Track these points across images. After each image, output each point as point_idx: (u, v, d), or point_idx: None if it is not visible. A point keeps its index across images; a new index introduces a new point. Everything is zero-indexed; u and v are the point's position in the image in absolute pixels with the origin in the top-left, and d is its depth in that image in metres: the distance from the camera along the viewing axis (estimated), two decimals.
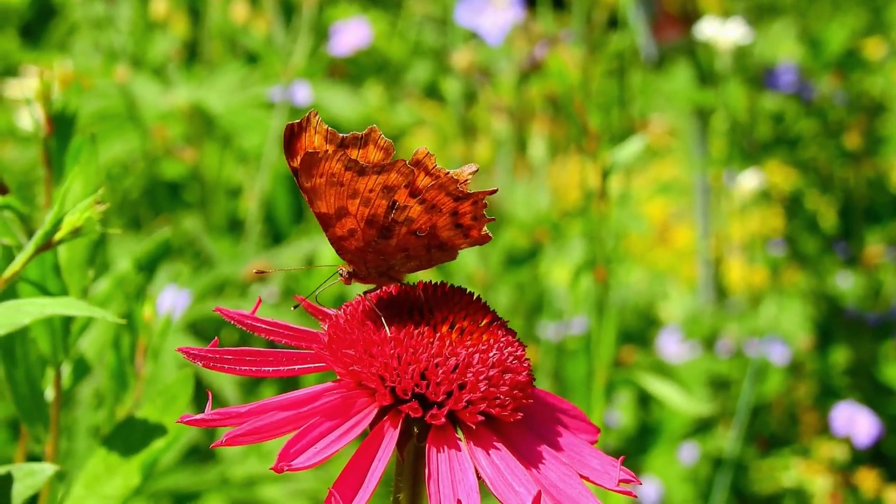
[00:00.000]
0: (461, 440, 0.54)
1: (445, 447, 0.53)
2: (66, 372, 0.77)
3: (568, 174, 2.81)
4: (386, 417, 0.54)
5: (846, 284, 2.29)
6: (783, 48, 2.40)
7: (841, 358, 2.14)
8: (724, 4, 2.29)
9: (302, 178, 0.57)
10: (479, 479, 0.52)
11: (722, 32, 1.97)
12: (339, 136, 0.57)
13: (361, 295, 0.59)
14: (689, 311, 2.36)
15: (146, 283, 0.78)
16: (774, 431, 2.11)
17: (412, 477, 0.56)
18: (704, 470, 1.93)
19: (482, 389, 0.54)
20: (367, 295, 0.59)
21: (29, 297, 0.68)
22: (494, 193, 0.59)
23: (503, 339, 0.56)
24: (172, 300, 1.31)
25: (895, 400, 2.07)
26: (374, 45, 2.21)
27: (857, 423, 1.85)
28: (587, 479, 0.55)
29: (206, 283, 1.51)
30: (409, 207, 0.58)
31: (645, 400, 2.00)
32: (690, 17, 2.22)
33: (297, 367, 0.56)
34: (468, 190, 0.59)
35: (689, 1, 2.28)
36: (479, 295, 0.59)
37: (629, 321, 2.27)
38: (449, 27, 2.25)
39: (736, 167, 2.08)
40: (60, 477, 0.78)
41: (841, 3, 2.41)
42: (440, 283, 0.59)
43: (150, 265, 0.79)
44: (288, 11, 2.10)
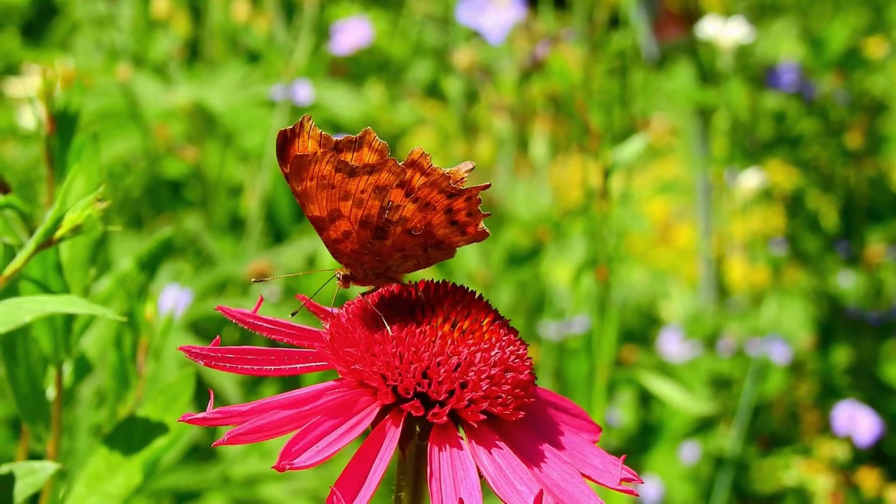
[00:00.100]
0: (463, 439, 0.54)
1: (447, 446, 0.53)
2: (67, 371, 0.77)
3: (569, 173, 2.81)
4: (388, 416, 0.54)
5: (847, 283, 2.29)
6: (784, 47, 2.39)
7: (842, 357, 2.13)
8: (725, 3, 2.29)
9: (293, 181, 0.57)
10: (480, 477, 0.52)
11: (723, 31, 1.97)
12: (332, 140, 0.57)
13: (362, 294, 0.59)
14: (690, 310, 2.36)
15: (148, 281, 0.78)
16: (775, 430, 2.11)
17: (414, 476, 0.56)
18: (705, 469, 1.93)
19: (484, 388, 0.54)
20: (366, 296, 0.59)
21: (30, 295, 0.68)
22: (488, 188, 0.59)
23: (505, 337, 0.56)
24: (174, 299, 1.31)
25: None
26: (375, 43, 2.21)
27: (858, 422, 1.85)
28: (589, 478, 0.55)
29: (207, 281, 1.51)
30: (402, 207, 0.58)
31: (646, 399, 2.00)
32: (692, 16, 2.22)
33: (298, 365, 0.56)
34: (462, 186, 0.58)
35: (690, 0, 2.28)
36: (480, 294, 0.59)
37: (630, 320, 2.27)
38: (450, 26, 2.24)
39: (737, 166, 2.08)
40: (62, 475, 0.78)
41: (842, 2, 2.41)
42: (441, 281, 0.59)
43: (151, 264, 0.79)
44: (289, 10, 2.10)
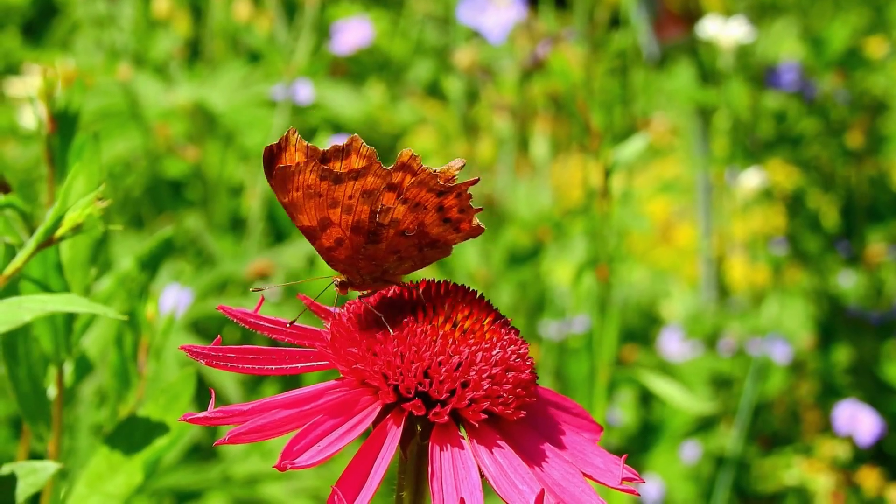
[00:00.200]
0: (464, 438, 0.54)
1: (448, 445, 0.53)
2: (68, 370, 0.77)
3: (570, 173, 2.81)
4: (389, 416, 0.54)
5: (848, 283, 2.29)
6: (785, 47, 2.39)
7: (843, 357, 2.13)
8: (726, 3, 2.29)
9: (279, 193, 0.57)
10: (482, 477, 0.52)
11: (724, 31, 1.97)
12: (320, 150, 0.57)
13: (360, 297, 0.59)
14: (690, 309, 2.36)
15: (149, 281, 0.78)
16: (776, 430, 2.10)
17: (415, 475, 0.56)
18: (706, 468, 1.93)
19: (485, 388, 0.54)
20: (364, 299, 0.59)
21: (31, 294, 0.68)
22: (477, 183, 0.59)
23: (506, 337, 0.56)
24: (175, 298, 1.31)
25: None
26: (375, 43, 2.21)
27: (859, 421, 1.85)
28: (590, 477, 0.55)
29: (208, 281, 1.51)
30: (393, 209, 0.58)
31: (647, 398, 2.00)
32: (692, 15, 2.22)
33: (299, 365, 0.56)
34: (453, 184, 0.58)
35: (690, 0, 2.28)
36: (481, 293, 0.59)
37: (631, 320, 2.27)
38: (451, 25, 2.24)
39: (738, 166, 2.08)
40: (63, 475, 0.78)
41: (843, 1, 2.41)
42: (442, 281, 0.59)
43: (152, 263, 0.79)
44: (290, 10, 2.10)
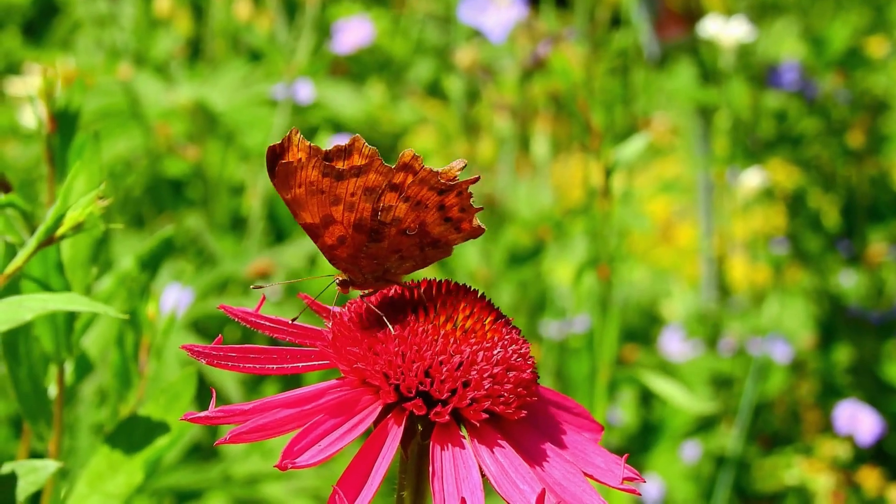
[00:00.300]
0: (465, 438, 0.54)
1: (449, 445, 0.53)
2: (68, 369, 0.76)
3: (571, 172, 2.81)
4: (390, 415, 0.54)
5: (849, 283, 2.29)
6: (786, 46, 2.39)
7: (843, 356, 2.13)
8: (726, 2, 2.29)
9: (282, 190, 0.57)
10: (483, 476, 0.52)
11: (725, 30, 1.97)
12: (322, 150, 0.57)
13: (362, 296, 0.59)
14: (691, 309, 2.36)
15: (149, 280, 0.78)
16: (777, 430, 2.10)
17: (416, 475, 0.56)
18: (707, 468, 1.93)
19: (486, 387, 0.54)
20: (365, 298, 0.59)
21: (32, 293, 0.68)
22: (477, 181, 0.59)
23: (507, 336, 0.56)
24: (175, 298, 1.31)
25: None
26: (376, 42, 2.21)
27: (859, 421, 1.85)
28: (591, 477, 0.55)
29: (208, 280, 1.51)
30: (394, 207, 0.58)
31: (647, 398, 2.00)
32: (693, 15, 2.22)
33: (300, 364, 0.56)
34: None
35: None
36: (483, 293, 0.59)
37: (632, 319, 2.26)
38: (452, 25, 2.24)
39: (739, 165, 2.08)
40: (63, 474, 0.78)
41: (843, 1, 2.41)
42: (444, 280, 0.59)
43: (152, 263, 0.78)
44: (291, 9, 2.10)
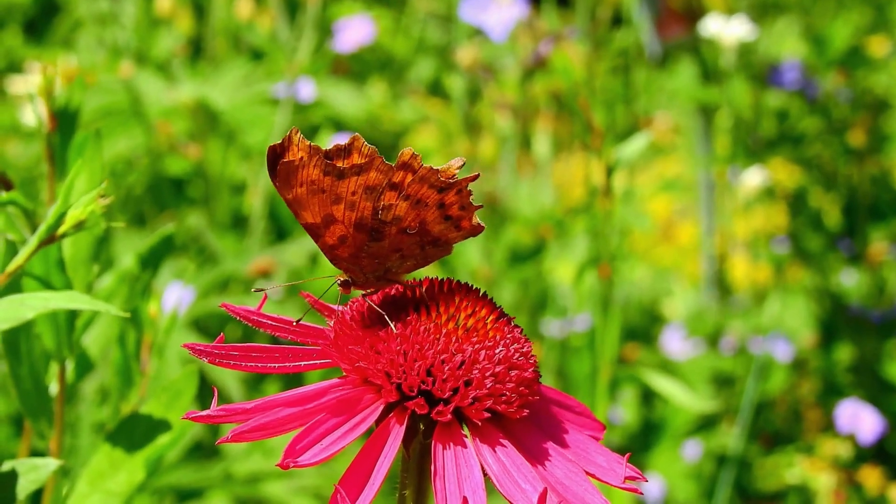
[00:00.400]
0: (467, 437, 0.54)
1: (451, 444, 0.53)
2: (69, 367, 0.76)
3: (572, 171, 2.81)
4: (392, 414, 0.54)
5: (850, 282, 2.29)
6: (787, 45, 2.39)
7: (845, 355, 2.13)
8: (728, 2, 2.29)
9: (283, 190, 0.57)
10: (484, 476, 0.52)
11: (726, 29, 1.97)
12: (322, 149, 0.57)
13: (363, 295, 0.59)
14: (692, 308, 2.36)
15: (151, 279, 0.78)
16: (778, 429, 2.10)
17: (418, 474, 0.56)
18: (708, 467, 1.93)
19: (488, 386, 0.54)
20: (367, 297, 0.59)
21: (33, 292, 0.68)
22: (477, 179, 0.59)
23: (509, 335, 0.56)
24: (177, 296, 1.31)
25: None
26: (377, 41, 2.21)
27: (860, 420, 1.85)
28: (593, 476, 0.55)
29: (210, 279, 1.51)
30: (395, 206, 0.58)
31: (648, 397, 2.00)
32: (694, 14, 2.22)
33: (302, 363, 0.56)
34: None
35: None
36: (484, 291, 0.59)
37: (633, 318, 2.26)
38: (453, 24, 2.24)
39: (740, 164, 2.08)
40: (64, 473, 0.78)
41: (845, 0, 2.41)
42: (445, 279, 0.59)
43: (153, 261, 0.78)
44: (292, 8, 2.09)
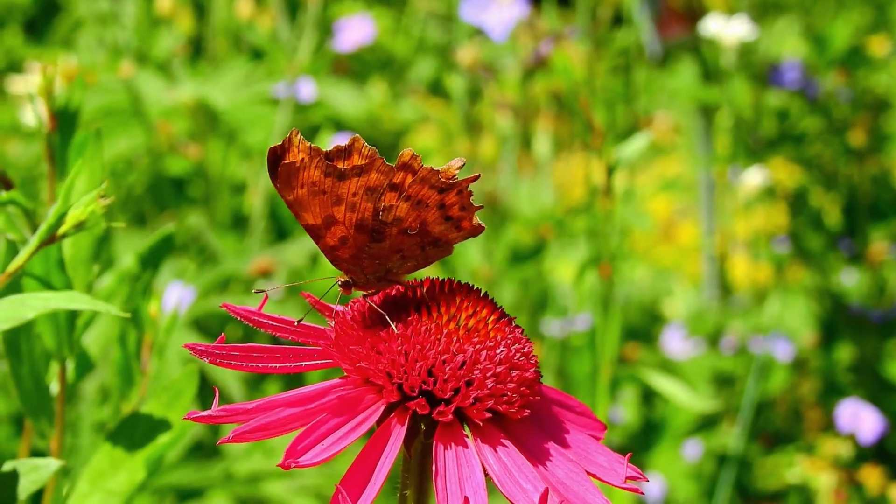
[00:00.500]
0: (468, 437, 0.54)
1: (452, 444, 0.53)
2: (70, 367, 0.76)
3: (572, 171, 2.81)
4: (393, 414, 0.54)
5: (850, 281, 2.29)
6: (788, 45, 2.39)
7: (845, 355, 2.13)
8: (728, 1, 2.29)
9: (284, 192, 0.57)
10: (486, 476, 0.52)
11: (726, 29, 1.97)
12: (322, 151, 0.57)
13: (365, 296, 0.59)
14: (693, 307, 2.36)
15: (151, 278, 0.78)
16: (778, 428, 2.10)
17: (419, 474, 0.56)
18: (708, 466, 1.93)
19: (489, 386, 0.54)
20: (368, 298, 0.59)
21: (33, 291, 0.68)
22: (477, 179, 0.59)
23: (510, 335, 0.56)
24: (177, 296, 1.31)
25: None
26: (378, 41, 2.21)
27: (861, 420, 1.85)
28: (594, 476, 0.55)
29: (210, 279, 1.51)
30: (395, 206, 0.58)
31: (649, 396, 2.00)
32: (695, 13, 2.22)
33: (303, 363, 0.56)
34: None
35: None
36: (485, 291, 0.59)
37: (633, 318, 2.27)
38: (453, 23, 2.24)
39: (740, 164, 2.08)
40: (65, 472, 0.78)
41: (845, 0, 2.41)
42: (446, 279, 0.59)
43: (153, 260, 0.78)
44: (293, 8, 2.09)
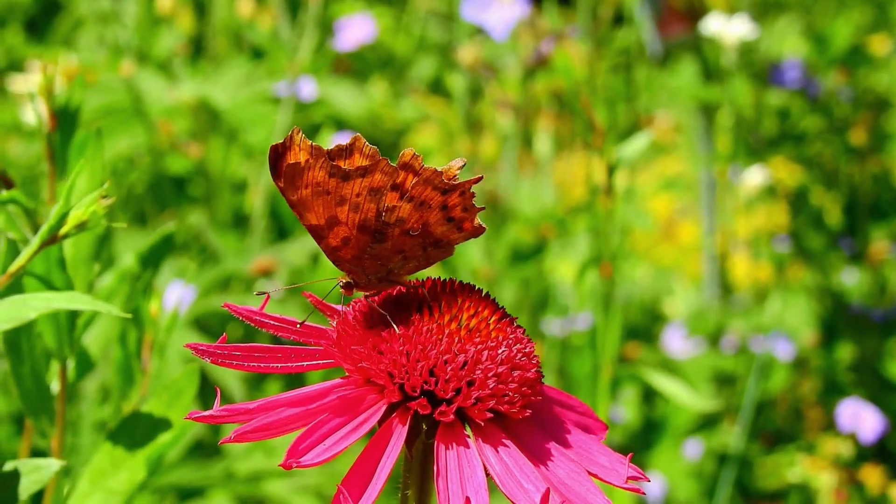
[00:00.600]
0: (470, 437, 0.54)
1: (454, 444, 0.53)
2: (70, 366, 0.76)
3: (573, 170, 2.81)
4: (394, 414, 0.54)
5: (851, 281, 2.29)
6: (788, 44, 2.39)
7: (846, 354, 2.13)
8: (729, 1, 2.29)
9: (288, 192, 0.57)
10: (487, 476, 0.52)
11: (727, 28, 1.97)
12: (323, 149, 0.57)
13: (366, 296, 0.59)
14: (693, 307, 2.36)
15: (152, 277, 0.78)
16: (779, 427, 2.10)
17: (420, 474, 0.56)
18: (709, 466, 1.93)
19: (491, 386, 0.54)
20: (369, 298, 0.59)
21: (34, 291, 0.68)
22: (480, 181, 0.59)
23: (512, 335, 0.56)
24: (178, 295, 1.31)
25: None
26: (379, 40, 2.21)
27: (862, 419, 1.85)
28: (595, 476, 0.55)
29: (211, 278, 1.51)
30: (398, 207, 0.58)
31: (650, 396, 2.00)
32: (696, 12, 2.21)
33: (305, 363, 0.56)
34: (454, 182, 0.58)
35: None
36: (486, 291, 0.59)
37: (634, 317, 2.26)
38: (454, 22, 2.24)
39: (741, 163, 2.08)
40: (66, 472, 0.78)
41: None
42: (447, 279, 0.59)
43: (154, 260, 0.78)
44: (293, 7, 2.09)
